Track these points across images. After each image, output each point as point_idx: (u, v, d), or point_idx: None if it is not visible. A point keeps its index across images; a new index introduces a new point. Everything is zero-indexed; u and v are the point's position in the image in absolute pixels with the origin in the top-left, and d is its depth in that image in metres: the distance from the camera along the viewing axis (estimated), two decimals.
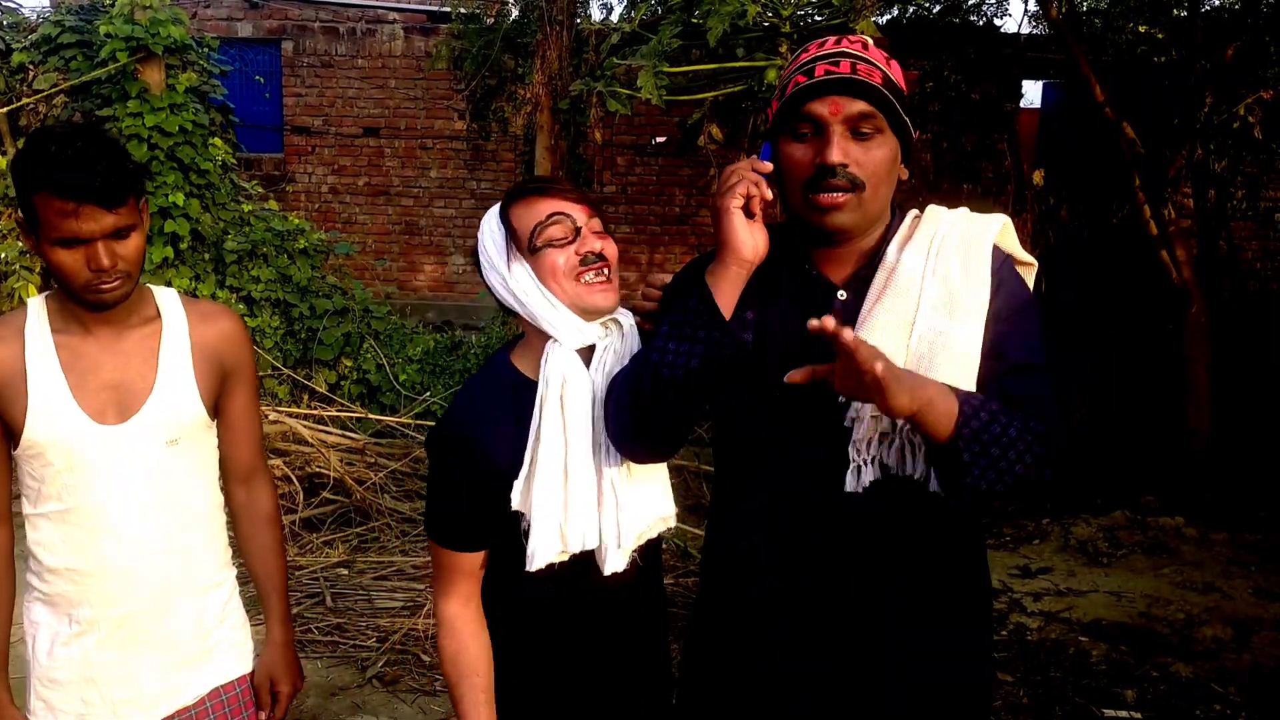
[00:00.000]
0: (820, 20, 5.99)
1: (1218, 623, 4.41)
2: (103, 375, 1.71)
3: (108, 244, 1.61)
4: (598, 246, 1.61)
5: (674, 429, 1.53)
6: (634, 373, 1.52)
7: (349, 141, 10.72)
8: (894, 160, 1.51)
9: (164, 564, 1.76)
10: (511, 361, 1.67)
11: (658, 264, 10.56)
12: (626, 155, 10.46)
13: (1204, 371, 6.34)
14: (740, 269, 1.49)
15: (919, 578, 1.52)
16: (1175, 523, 5.69)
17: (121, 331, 1.74)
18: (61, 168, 1.54)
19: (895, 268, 1.51)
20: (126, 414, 1.71)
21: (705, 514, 5.67)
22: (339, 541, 5.09)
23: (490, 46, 7.23)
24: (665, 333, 1.49)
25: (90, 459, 1.68)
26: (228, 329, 1.86)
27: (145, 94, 6.55)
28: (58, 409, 1.67)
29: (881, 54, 1.52)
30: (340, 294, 7.15)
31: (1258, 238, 9.81)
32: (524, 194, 1.63)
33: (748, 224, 1.48)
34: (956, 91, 7.01)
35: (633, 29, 5.98)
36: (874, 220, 1.53)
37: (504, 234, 1.62)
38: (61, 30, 6.90)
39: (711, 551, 1.72)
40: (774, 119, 1.55)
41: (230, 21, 10.56)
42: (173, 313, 1.80)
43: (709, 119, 6.13)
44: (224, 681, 1.86)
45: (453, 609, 1.68)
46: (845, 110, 1.45)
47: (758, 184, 1.48)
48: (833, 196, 1.46)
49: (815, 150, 1.47)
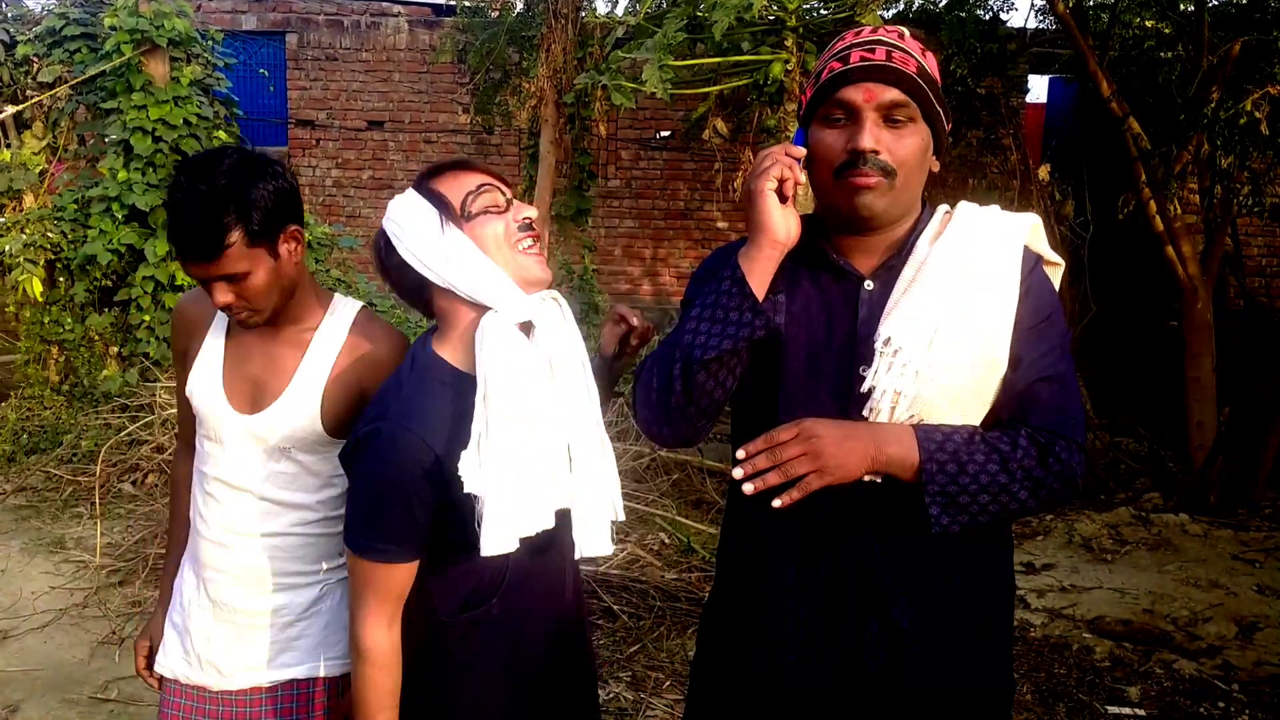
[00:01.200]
0: (826, 14, 5.98)
1: (1222, 620, 4.40)
2: (250, 367, 1.80)
3: (221, 285, 1.68)
4: (533, 213, 1.58)
5: (704, 412, 1.52)
6: (665, 355, 1.52)
7: (353, 135, 10.72)
8: (926, 150, 1.50)
9: (252, 550, 1.80)
10: (440, 355, 1.57)
11: (661, 258, 10.55)
12: (631, 149, 10.44)
13: (1209, 367, 6.33)
14: (773, 251, 1.48)
15: (937, 569, 1.51)
16: (1179, 519, 5.68)
17: (279, 333, 1.80)
18: (171, 229, 1.69)
19: (925, 261, 1.49)
20: (257, 408, 1.78)
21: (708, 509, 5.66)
22: None
23: (494, 40, 7.22)
24: (697, 314, 1.49)
25: (220, 436, 1.80)
26: (381, 356, 1.79)
27: (149, 87, 6.55)
28: (207, 382, 1.81)
29: (918, 44, 1.51)
30: (344, 287, 7.15)
31: (1264, 234, 9.78)
32: (444, 170, 1.59)
33: (780, 207, 1.48)
34: (963, 86, 6.99)
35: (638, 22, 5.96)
36: (904, 210, 1.52)
37: (432, 206, 1.54)
38: (66, 23, 6.90)
39: (729, 543, 1.71)
40: (807, 105, 1.54)
41: (235, 14, 10.56)
42: (334, 328, 1.80)
43: (714, 113, 6.12)
44: (299, 677, 1.84)
45: (387, 636, 1.54)
46: (879, 97, 1.44)
47: (791, 167, 1.47)
48: (865, 179, 1.45)
49: (848, 136, 1.46)
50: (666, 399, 1.51)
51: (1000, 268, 1.48)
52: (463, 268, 1.52)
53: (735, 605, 1.65)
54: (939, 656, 1.52)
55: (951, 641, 1.52)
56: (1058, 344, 1.50)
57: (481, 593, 1.57)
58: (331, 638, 1.85)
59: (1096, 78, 6.05)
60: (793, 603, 1.54)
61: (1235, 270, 8.10)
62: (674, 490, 5.99)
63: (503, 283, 1.52)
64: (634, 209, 10.55)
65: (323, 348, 1.79)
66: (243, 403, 1.79)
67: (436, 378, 1.54)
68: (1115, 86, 6.13)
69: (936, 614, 1.51)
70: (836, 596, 1.52)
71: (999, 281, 1.47)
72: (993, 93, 7.81)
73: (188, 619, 1.86)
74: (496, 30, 7.26)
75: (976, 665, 1.55)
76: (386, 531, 1.50)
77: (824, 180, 1.50)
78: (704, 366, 1.47)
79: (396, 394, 1.53)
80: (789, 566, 1.55)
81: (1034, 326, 1.48)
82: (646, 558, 4.90)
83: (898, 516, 1.48)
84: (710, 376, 1.48)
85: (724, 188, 7.37)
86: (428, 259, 1.53)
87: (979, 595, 1.55)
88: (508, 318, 1.51)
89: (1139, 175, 6.15)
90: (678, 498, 5.86)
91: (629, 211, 10.55)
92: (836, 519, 1.51)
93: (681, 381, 1.48)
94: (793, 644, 1.54)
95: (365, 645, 1.54)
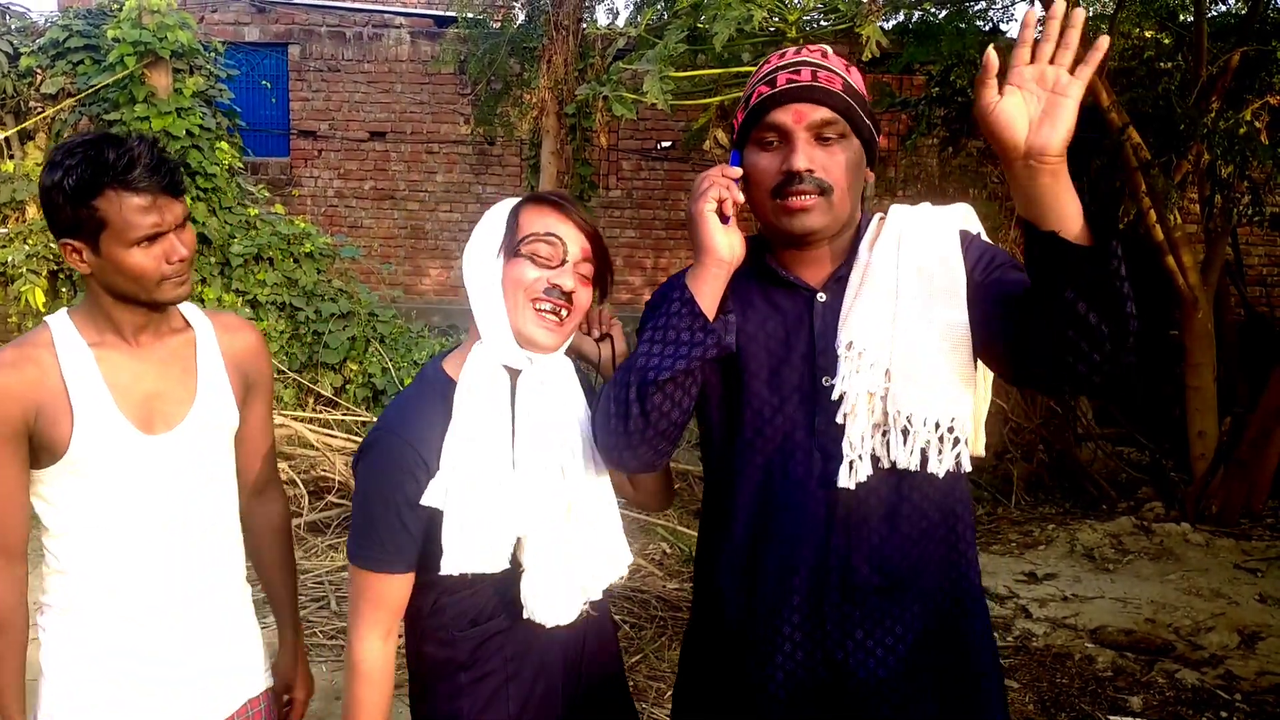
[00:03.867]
0: (826, 25, 6.00)
1: (1224, 629, 4.40)
2: (145, 385, 1.68)
3: (179, 234, 1.62)
4: (570, 285, 1.55)
5: (663, 435, 1.54)
6: (621, 380, 1.53)
7: (355, 146, 10.75)
8: (859, 163, 1.54)
9: (202, 574, 1.75)
10: (443, 369, 1.61)
11: (663, 268, 10.56)
12: (632, 160, 10.47)
13: (1210, 377, 6.32)
14: (719, 269, 1.50)
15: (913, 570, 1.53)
16: (1181, 529, 5.68)
17: (161, 341, 1.73)
18: (129, 165, 1.54)
19: (869, 264, 1.54)
20: (171, 423, 1.69)
21: None
22: (344, 545, 5.09)
23: (496, 51, 7.25)
24: (649, 338, 1.51)
25: (136, 470, 1.65)
26: (252, 342, 1.86)
27: (152, 98, 6.57)
28: (104, 421, 1.63)
29: (841, 61, 1.57)
30: (346, 298, 7.16)
31: (1264, 243, 9.79)
32: (542, 201, 1.60)
33: (722, 227, 1.50)
34: (963, 96, 7.01)
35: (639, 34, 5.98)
36: (844, 222, 1.55)
37: (506, 227, 1.59)
38: (69, 34, 6.93)
39: (703, 557, 1.72)
40: (739, 129, 1.58)
41: (237, 26, 10.60)
42: (200, 323, 1.80)
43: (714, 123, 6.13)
44: (254, 695, 1.85)
45: (382, 650, 1.55)
46: (809, 117, 1.49)
47: (729, 188, 1.50)
48: (802, 200, 1.49)
49: (782, 158, 1.50)
50: (625, 424, 1.52)
51: (941, 252, 1.52)
52: (482, 294, 1.56)
53: (717, 626, 1.65)
54: (923, 655, 1.53)
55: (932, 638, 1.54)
56: (1011, 260, 1.54)
57: (487, 610, 1.59)
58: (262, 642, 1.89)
59: (1096, 88, 6.06)
60: (776, 621, 1.55)
61: (1236, 280, 8.10)
62: (675, 500, 5.99)
63: (501, 327, 1.55)
64: (635, 219, 10.57)
65: (205, 342, 1.78)
66: (152, 424, 1.68)
67: (436, 391, 1.57)
68: (1114, 97, 6.14)
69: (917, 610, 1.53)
70: (818, 610, 1.53)
71: (943, 264, 1.51)
72: None
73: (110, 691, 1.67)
74: (498, 41, 7.30)
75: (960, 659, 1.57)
76: (380, 539, 1.52)
77: (762, 201, 1.54)
78: (659, 388, 1.48)
79: (396, 407, 1.58)
80: (768, 582, 1.56)
81: (982, 259, 1.52)
82: (648, 567, 4.90)
83: (872, 520, 1.51)
84: (666, 398, 1.49)
85: None
86: (468, 273, 1.59)
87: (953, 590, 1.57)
88: (494, 355, 1.55)
89: (1139, 185, 6.16)
90: (679, 507, 5.86)
91: (630, 222, 10.57)
92: (811, 527, 1.53)
93: (639, 405, 1.49)
94: (779, 658, 1.55)
95: (357, 658, 1.55)
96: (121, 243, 1.57)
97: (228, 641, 1.79)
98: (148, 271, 1.60)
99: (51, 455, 1.62)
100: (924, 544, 1.54)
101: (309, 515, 5.31)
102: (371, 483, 1.54)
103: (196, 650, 1.74)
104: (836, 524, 1.52)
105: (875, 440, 1.49)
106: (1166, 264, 6.24)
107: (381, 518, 1.52)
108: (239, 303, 6.84)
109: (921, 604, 1.53)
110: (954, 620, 1.56)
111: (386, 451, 1.53)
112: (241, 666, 1.83)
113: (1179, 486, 6.46)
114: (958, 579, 1.57)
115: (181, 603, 1.71)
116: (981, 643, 1.60)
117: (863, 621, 1.52)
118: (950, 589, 1.56)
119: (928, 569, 1.54)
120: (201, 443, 1.73)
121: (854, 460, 1.48)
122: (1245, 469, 5.88)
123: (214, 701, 1.78)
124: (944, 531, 1.56)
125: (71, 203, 1.56)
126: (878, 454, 1.49)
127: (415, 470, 1.50)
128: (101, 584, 1.66)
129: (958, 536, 1.57)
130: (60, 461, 1.62)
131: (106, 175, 1.54)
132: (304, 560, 4.85)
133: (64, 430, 1.60)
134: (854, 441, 1.48)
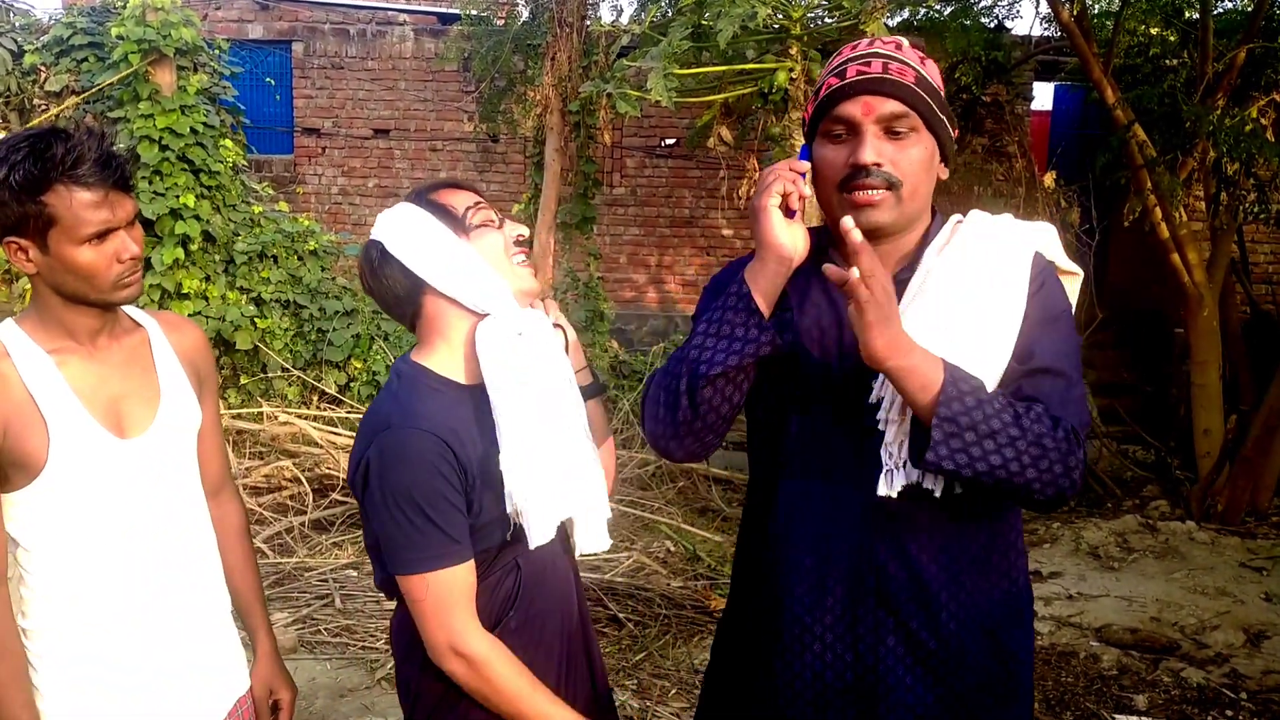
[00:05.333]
0: (831, 22, 5.98)
1: (1229, 628, 4.39)
2: (110, 389, 1.63)
3: (130, 231, 1.56)
4: (524, 231, 1.62)
5: (711, 428, 1.52)
6: (671, 369, 1.52)
7: (359, 143, 10.75)
8: (930, 159, 1.49)
9: (191, 576, 1.73)
10: (424, 365, 1.57)
11: (667, 266, 10.55)
12: (636, 157, 10.46)
13: (1215, 375, 6.31)
14: (779, 267, 1.47)
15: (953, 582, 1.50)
16: (1186, 527, 5.67)
17: (118, 342, 1.67)
18: (80, 159, 1.48)
19: (931, 271, 1.49)
20: (144, 425, 1.65)
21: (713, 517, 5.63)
22: (348, 543, 5.09)
23: (500, 48, 7.24)
24: (703, 330, 1.49)
25: (113, 477, 1.60)
26: (199, 338, 1.82)
27: (156, 95, 6.57)
28: (79, 430, 1.56)
29: (916, 53, 1.51)
30: (350, 295, 7.17)
31: (1270, 240, 9.76)
32: (440, 186, 1.62)
33: (785, 223, 1.47)
34: (968, 94, 7.00)
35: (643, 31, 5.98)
36: (911, 219, 1.51)
37: (436, 217, 1.56)
38: (73, 32, 6.93)
39: (742, 549, 1.70)
40: (810, 121, 1.54)
41: (241, 23, 10.59)
42: (147, 322, 1.77)
43: (719, 121, 6.13)
44: (240, 694, 1.84)
45: (486, 638, 1.50)
46: (877, 110, 1.45)
47: (795, 182, 1.47)
48: (868, 195, 1.45)
49: (849, 151, 1.46)
50: (673, 414, 1.51)
51: (1008, 271, 1.47)
52: (470, 276, 1.54)
53: (750, 621, 1.64)
54: (957, 666, 1.50)
55: (969, 650, 1.51)
56: (1065, 345, 1.49)
57: (497, 609, 1.57)
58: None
59: (1101, 85, 6.05)
60: (808, 620, 1.53)
61: (1241, 277, 8.09)
62: (680, 498, 5.99)
63: (504, 292, 1.55)
64: (639, 216, 10.56)
65: (158, 341, 1.75)
66: (124, 428, 1.63)
67: (428, 385, 1.55)
68: (1120, 94, 6.13)
69: (953, 624, 1.50)
70: (851, 613, 1.51)
71: (1006, 284, 1.46)
72: (998, 100, 7.82)
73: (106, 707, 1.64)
74: (502, 38, 7.29)
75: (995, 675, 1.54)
76: (442, 532, 1.46)
77: (828, 195, 1.51)
78: (710, 382, 1.47)
79: (393, 404, 1.53)
80: (803, 582, 1.54)
81: (1041, 322, 1.47)
82: (652, 565, 4.90)
83: (912, 527, 1.48)
84: (716, 392, 1.48)
85: (729, 195, 7.38)
86: (437, 265, 1.54)
87: (994, 603, 1.53)
88: (506, 324, 1.53)
89: (1144, 182, 6.15)
90: (683, 505, 5.86)
91: (634, 219, 10.56)
92: (850, 531, 1.51)
93: (688, 397, 1.48)
94: (808, 657, 1.53)
95: (480, 656, 1.48)
96: (71, 240, 1.51)
97: (215, 641, 1.78)
98: (99, 270, 1.53)
99: (26, 472, 1.54)
100: (965, 556, 1.50)
101: (313, 513, 5.31)
102: (415, 478, 1.45)
103: (186, 653, 1.71)
104: (874, 529, 1.49)
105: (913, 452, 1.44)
106: (1172, 261, 6.23)
107: (439, 508, 1.46)
108: (243, 300, 6.84)
109: (959, 618, 1.50)
110: (994, 637, 1.53)
111: (417, 443, 1.46)
112: (227, 665, 1.81)
113: (1184, 485, 6.45)
114: (1002, 596, 1.54)
115: (169, 607, 1.68)
116: (1021, 661, 1.57)
117: (896, 629, 1.50)
118: (991, 605, 1.53)
119: (969, 582, 1.51)
120: (172, 443, 1.70)
121: (891, 469, 1.44)
122: (1250, 467, 5.87)
123: (212, 701, 1.77)
124: (988, 546, 1.52)
125: (17, 199, 1.48)
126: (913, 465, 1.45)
127: (446, 456, 1.47)
128: (84, 598, 1.60)
129: (1003, 554, 1.54)
130: (39, 479, 1.54)
131: (55, 170, 1.47)
132: (308, 558, 4.85)
133: (38, 443, 1.53)
134: (892, 449, 1.45)
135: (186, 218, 6.55)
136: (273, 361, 6.78)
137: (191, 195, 6.56)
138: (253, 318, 6.80)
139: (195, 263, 6.71)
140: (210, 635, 1.77)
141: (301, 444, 5.87)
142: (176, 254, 6.54)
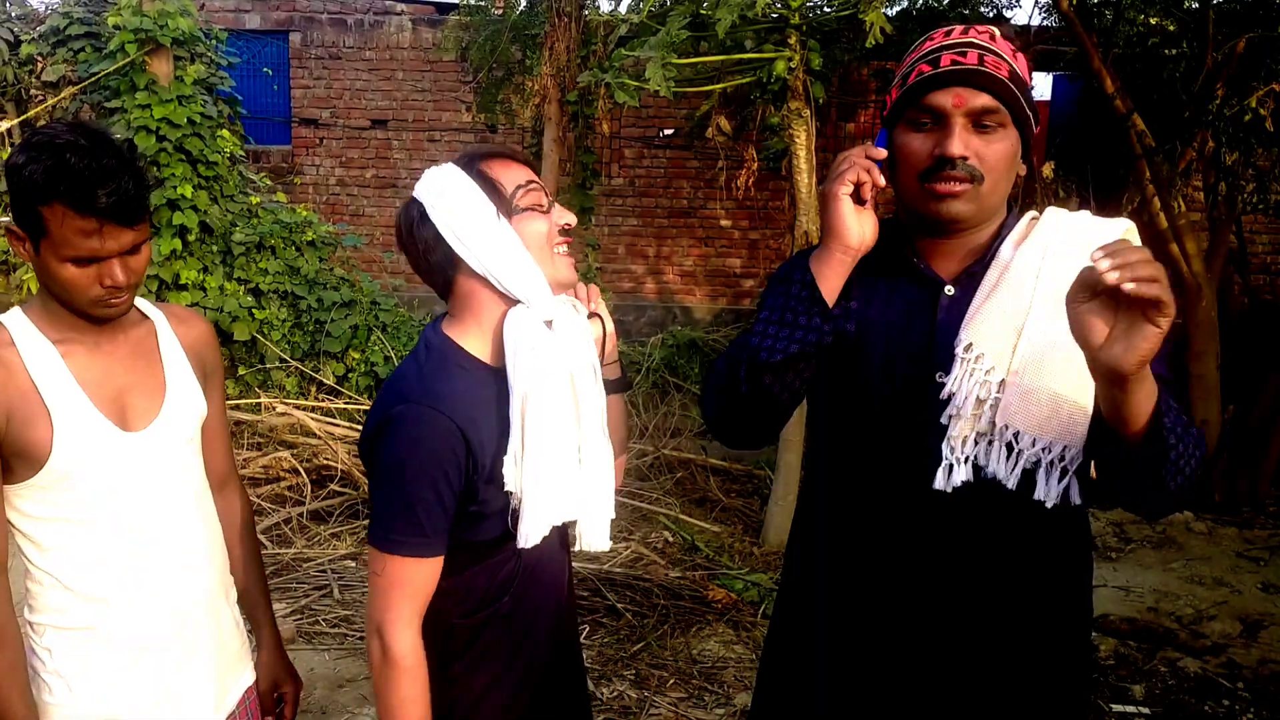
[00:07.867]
0: (830, 11, 5.96)
1: (1226, 618, 4.40)
2: (116, 380, 1.62)
3: (123, 260, 1.53)
4: (572, 220, 1.57)
5: (770, 415, 1.51)
6: (733, 355, 1.51)
7: (357, 134, 10.72)
8: (1014, 155, 1.47)
9: (207, 569, 1.73)
10: (454, 340, 1.54)
11: (665, 256, 10.54)
12: (634, 147, 10.44)
13: (1213, 365, 6.31)
14: (845, 256, 1.45)
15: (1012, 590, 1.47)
16: (1184, 517, 5.67)
17: (124, 333, 1.67)
18: (86, 184, 1.45)
19: (1009, 265, 1.46)
20: (148, 418, 1.65)
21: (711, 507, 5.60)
22: (346, 534, 5.10)
23: (498, 38, 7.21)
24: (765, 317, 1.47)
25: (123, 471, 1.60)
26: (205, 331, 1.82)
27: (153, 86, 6.55)
28: (85, 423, 1.56)
29: (1009, 46, 1.48)
30: (348, 286, 7.16)
31: (1269, 231, 9.76)
32: (493, 156, 1.54)
33: (856, 211, 1.44)
34: None
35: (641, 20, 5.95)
36: (989, 214, 1.49)
37: (483, 192, 1.50)
38: (70, 22, 6.91)
39: (794, 538, 1.69)
40: (893, 107, 1.50)
41: (238, 13, 10.56)
42: (155, 314, 1.76)
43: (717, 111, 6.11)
44: (247, 686, 1.86)
45: (416, 640, 1.47)
46: (969, 103, 1.41)
47: (869, 170, 1.43)
48: (950, 186, 1.42)
49: (935, 141, 1.43)
50: (733, 400, 1.49)
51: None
52: (507, 262, 1.49)
53: (803, 612, 1.63)
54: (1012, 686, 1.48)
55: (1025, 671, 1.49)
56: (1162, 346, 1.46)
57: (493, 592, 1.56)
58: None
59: (1100, 75, 6.03)
60: (860, 611, 1.52)
61: (1240, 267, 8.08)
62: (677, 488, 5.99)
63: (540, 282, 1.51)
64: (637, 207, 10.54)
65: (164, 333, 1.75)
66: (129, 421, 1.63)
67: (455, 362, 1.51)
68: (1119, 84, 6.11)
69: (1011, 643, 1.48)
70: (903, 606, 1.50)
71: None
72: None
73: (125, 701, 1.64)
74: (500, 28, 7.26)
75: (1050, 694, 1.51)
76: (419, 521, 1.44)
77: (908, 184, 1.48)
78: (770, 370, 1.45)
79: (417, 377, 1.49)
80: (858, 571, 1.53)
81: None
82: (650, 556, 4.90)
83: (970, 523, 1.46)
84: (776, 379, 1.46)
85: (727, 186, 7.36)
86: (473, 243, 1.49)
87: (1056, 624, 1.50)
88: (537, 315, 1.50)
89: (1143, 172, 6.14)
90: (681, 496, 5.86)
91: (632, 210, 10.55)
92: (904, 524, 1.49)
93: (748, 384, 1.46)
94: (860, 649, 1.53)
95: (398, 653, 1.46)
96: (56, 255, 1.50)
97: (221, 634, 1.78)
98: (78, 287, 1.52)
99: (29, 463, 1.54)
100: (1025, 565, 1.47)
101: (311, 504, 5.31)
102: (412, 458, 1.42)
103: (192, 646, 1.72)
104: (931, 525, 1.47)
105: (980, 448, 1.42)
106: (1170, 251, 6.22)
107: (423, 497, 1.43)
108: (241, 291, 6.83)
109: (1013, 624, 1.48)
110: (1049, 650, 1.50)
111: (427, 425, 1.43)
112: (234, 657, 1.82)
113: None
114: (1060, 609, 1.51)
115: (174, 601, 1.68)
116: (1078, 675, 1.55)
117: (948, 628, 1.48)
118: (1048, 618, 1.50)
119: (1028, 589, 1.48)
120: (178, 437, 1.69)
121: (952, 464, 1.42)
122: (1248, 458, 5.87)
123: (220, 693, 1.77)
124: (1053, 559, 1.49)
125: (23, 196, 1.49)
126: (980, 463, 1.42)
127: (458, 448, 1.43)
128: (93, 592, 1.61)
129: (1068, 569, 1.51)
130: (42, 470, 1.54)
131: (60, 187, 1.45)
132: (306, 549, 4.86)
133: (42, 433, 1.53)
134: (954, 445, 1.42)
135: (184, 208, 6.54)
136: (270, 352, 6.78)
137: (189, 186, 6.54)
138: (250, 309, 6.80)
139: (193, 253, 6.70)
140: (216, 628, 1.77)
141: (299, 435, 5.87)
142: (174, 245, 6.53)
